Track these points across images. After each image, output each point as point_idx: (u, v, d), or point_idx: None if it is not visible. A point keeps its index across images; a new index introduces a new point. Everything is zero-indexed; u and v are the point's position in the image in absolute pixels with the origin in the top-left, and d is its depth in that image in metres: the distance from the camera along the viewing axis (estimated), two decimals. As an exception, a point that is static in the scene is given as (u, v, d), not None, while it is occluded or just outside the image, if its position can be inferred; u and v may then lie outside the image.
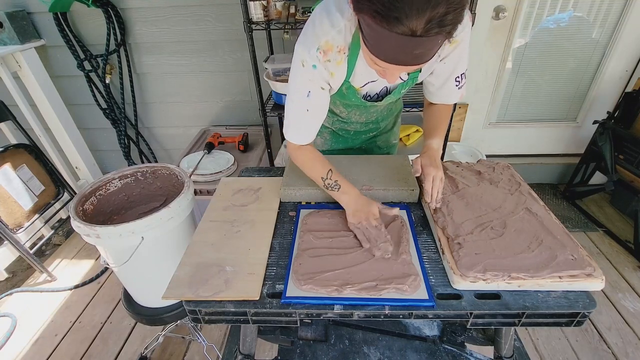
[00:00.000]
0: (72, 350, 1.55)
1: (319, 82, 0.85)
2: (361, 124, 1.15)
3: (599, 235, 2.04)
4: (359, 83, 0.92)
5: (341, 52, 0.81)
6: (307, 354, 1.00)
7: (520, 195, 0.91)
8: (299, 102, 0.88)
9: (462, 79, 0.94)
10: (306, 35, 0.81)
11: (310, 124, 0.92)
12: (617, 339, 1.50)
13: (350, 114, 1.10)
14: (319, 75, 0.84)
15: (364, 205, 0.87)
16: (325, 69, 0.83)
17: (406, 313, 0.68)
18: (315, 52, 0.80)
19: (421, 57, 0.64)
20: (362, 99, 0.96)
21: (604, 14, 1.93)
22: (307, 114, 0.89)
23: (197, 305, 0.70)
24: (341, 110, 1.09)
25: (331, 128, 1.19)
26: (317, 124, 0.93)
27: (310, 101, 0.87)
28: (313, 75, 0.83)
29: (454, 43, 0.86)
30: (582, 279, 0.69)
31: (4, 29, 1.77)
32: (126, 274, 1.13)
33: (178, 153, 2.31)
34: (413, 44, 0.60)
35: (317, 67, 0.82)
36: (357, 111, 1.08)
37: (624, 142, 1.96)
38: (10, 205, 1.72)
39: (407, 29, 0.57)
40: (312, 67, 0.82)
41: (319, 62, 0.81)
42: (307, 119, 0.91)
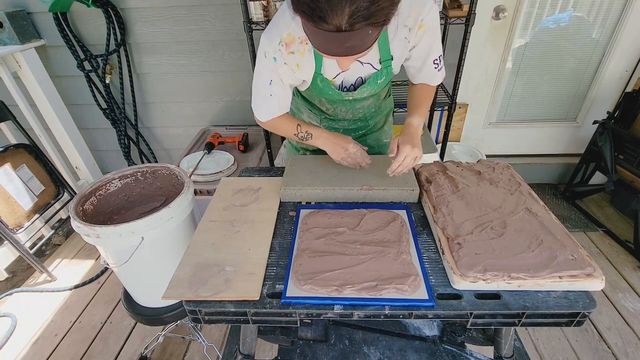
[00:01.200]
0: (72, 350, 1.55)
1: (279, 74, 0.91)
2: (348, 121, 1.16)
3: (599, 235, 2.04)
4: (330, 74, 0.95)
5: (303, 42, 0.85)
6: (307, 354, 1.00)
7: (520, 195, 0.91)
8: (263, 88, 0.95)
9: (440, 61, 0.97)
10: (270, 27, 0.84)
11: (274, 106, 0.99)
12: (617, 339, 1.50)
13: (337, 111, 1.11)
14: (279, 69, 0.89)
15: (338, 141, 1.00)
16: (286, 63, 0.88)
17: (406, 313, 0.68)
18: (277, 45, 0.84)
19: (354, 49, 0.67)
20: (337, 90, 0.99)
21: (604, 14, 1.93)
22: (271, 98, 0.96)
23: (197, 305, 0.70)
24: (327, 107, 1.11)
25: (320, 126, 1.19)
26: (282, 106, 1.00)
27: (273, 89, 0.94)
28: (274, 67, 0.89)
29: (421, 28, 0.87)
30: (582, 279, 0.69)
31: (4, 29, 1.77)
32: (126, 274, 1.13)
33: (178, 153, 2.31)
34: (342, 38, 0.63)
35: (277, 60, 0.87)
36: (342, 107, 1.10)
37: (624, 142, 1.96)
38: (10, 205, 1.72)
39: (332, 26, 0.61)
40: (272, 60, 0.87)
41: (280, 55, 0.86)
42: (271, 102, 0.98)
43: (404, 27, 0.86)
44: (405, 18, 0.84)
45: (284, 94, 0.98)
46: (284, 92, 0.97)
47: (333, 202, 0.99)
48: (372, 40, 0.68)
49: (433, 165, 1.07)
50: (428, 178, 1.01)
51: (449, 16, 1.54)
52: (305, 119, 1.20)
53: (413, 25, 0.85)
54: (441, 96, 1.88)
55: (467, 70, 1.76)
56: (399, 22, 0.85)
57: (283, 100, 0.99)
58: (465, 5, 1.54)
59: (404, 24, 0.86)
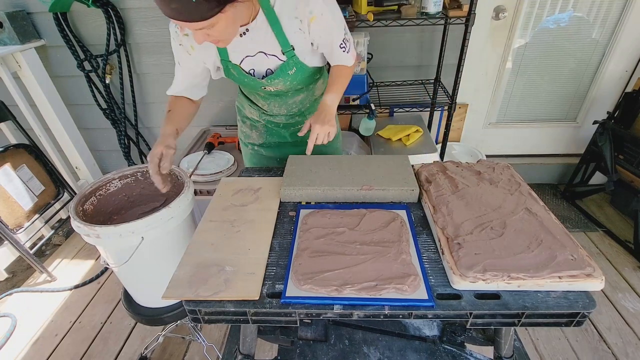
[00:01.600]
0: (72, 350, 1.55)
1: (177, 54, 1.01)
2: (285, 115, 1.20)
3: (599, 235, 2.04)
4: (237, 59, 1.01)
5: None
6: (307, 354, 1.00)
7: (520, 196, 0.91)
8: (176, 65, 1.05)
9: (346, 44, 1.02)
10: None
11: (179, 79, 1.07)
12: (617, 339, 1.50)
13: (271, 106, 1.17)
14: (177, 49, 1.00)
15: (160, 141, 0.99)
16: (181, 44, 0.97)
17: (406, 313, 0.68)
18: (173, 26, 0.94)
19: (181, 13, 0.72)
20: (251, 76, 1.04)
21: (604, 14, 1.93)
22: (176, 76, 1.06)
23: (197, 305, 0.70)
24: (262, 103, 1.17)
25: (262, 122, 1.25)
26: (185, 81, 1.07)
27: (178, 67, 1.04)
28: (174, 45, 1.00)
29: (313, 20, 0.92)
30: (581, 279, 0.69)
31: (4, 29, 1.77)
32: (126, 274, 1.13)
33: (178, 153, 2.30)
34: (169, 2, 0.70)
35: (174, 40, 0.97)
36: (274, 103, 1.15)
37: (624, 142, 1.96)
38: (10, 205, 1.72)
39: None
40: (172, 39, 0.98)
41: (176, 35, 0.96)
42: (178, 73, 1.06)
43: (295, 19, 0.91)
44: (293, 10, 0.90)
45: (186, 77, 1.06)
46: (182, 77, 1.06)
47: (333, 202, 0.99)
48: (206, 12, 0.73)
49: (433, 165, 1.07)
50: (428, 178, 1.01)
51: (449, 16, 1.54)
52: (247, 115, 1.27)
53: (303, 17, 0.90)
54: (441, 96, 1.88)
55: (467, 70, 1.76)
56: (288, 14, 0.91)
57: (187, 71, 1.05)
58: (465, 5, 1.54)
59: (294, 16, 0.91)
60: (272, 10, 0.89)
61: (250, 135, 1.29)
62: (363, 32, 1.69)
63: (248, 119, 1.28)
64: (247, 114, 1.27)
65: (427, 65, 2.04)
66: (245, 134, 1.31)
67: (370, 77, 1.88)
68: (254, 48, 0.97)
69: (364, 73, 1.74)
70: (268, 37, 0.95)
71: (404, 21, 1.54)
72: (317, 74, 1.12)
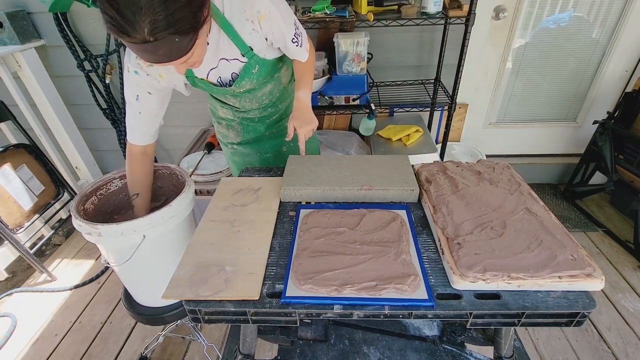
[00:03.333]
0: (72, 350, 1.55)
1: (144, 87, 0.94)
2: (258, 109, 1.21)
3: (599, 235, 2.04)
4: (202, 74, 1.00)
5: None
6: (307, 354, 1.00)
7: (520, 196, 0.91)
8: (131, 105, 0.97)
9: (297, 38, 1.01)
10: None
11: (144, 126, 1.01)
12: (617, 339, 1.50)
13: (243, 102, 1.16)
14: (143, 81, 0.92)
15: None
16: (149, 75, 0.92)
17: (406, 313, 0.68)
18: (134, 59, 0.88)
19: (171, 55, 0.73)
20: (220, 86, 1.04)
21: (604, 14, 1.93)
22: (140, 116, 0.99)
23: (197, 305, 0.70)
24: (233, 101, 1.16)
25: (237, 120, 1.25)
26: (151, 125, 1.03)
27: (140, 105, 0.96)
28: (137, 80, 0.92)
29: (263, 19, 0.91)
30: (581, 279, 0.69)
31: (4, 29, 1.77)
32: (127, 274, 1.14)
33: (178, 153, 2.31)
34: (153, 48, 0.69)
35: (139, 73, 0.91)
36: (245, 99, 1.15)
37: (624, 142, 1.96)
38: (10, 205, 1.72)
39: (137, 39, 0.66)
40: (134, 74, 0.91)
41: (140, 68, 0.90)
42: (141, 120, 1.00)
43: (246, 21, 0.91)
44: (242, 12, 0.90)
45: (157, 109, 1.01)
46: (155, 107, 1.00)
47: (333, 202, 0.99)
48: (187, 45, 0.73)
49: (433, 165, 1.07)
50: (428, 178, 1.01)
51: (449, 16, 1.54)
52: (222, 115, 1.27)
53: (253, 18, 0.91)
54: (441, 96, 1.88)
55: (467, 70, 1.76)
56: (239, 17, 0.91)
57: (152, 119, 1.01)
58: (465, 5, 1.54)
59: (245, 18, 0.91)
60: (223, 16, 0.89)
61: (227, 135, 1.30)
62: (363, 32, 1.69)
63: (223, 119, 1.28)
64: (221, 115, 1.27)
65: (427, 65, 2.04)
66: (222, 134, 1.32)
67: (370, 77, 1.88)
68: (214, 58, 0.97)
69: (364, 73, 1.74)
70: (225, 43, 0.95)
71: (404, 21, 1.54)
72: (279, 62, 1.12)
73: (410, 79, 2.06)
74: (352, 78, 1.73)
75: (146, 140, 1.04)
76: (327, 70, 1.81)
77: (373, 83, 1.96)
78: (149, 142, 1.06)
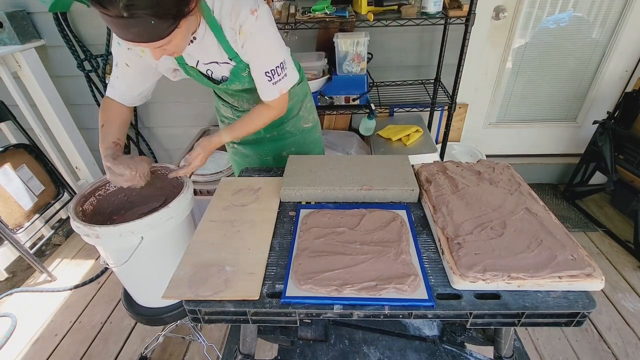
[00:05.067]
0: (72, 350, 1.55)
1: (123, 58, 0.96)
2: None
3: (599, 235, 2.04)
4: (192, 62, 1.00)
5: None
6: (307, 354, 1.00)
7: (520, 196, 0.91)
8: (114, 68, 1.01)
9: (275, 74, 0.96)
10: None
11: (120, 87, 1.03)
12: (617, 339, 1.50)
13: (240, 102, 1.18)
14: (124, 53, 0.95)
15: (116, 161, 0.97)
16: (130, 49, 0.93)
17: (406, 313, 0.68)
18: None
19: (142, 36, 0.72)
20: (209, 79, 1.04)
21: (604, 14, 1.93)
22: (117, 80, 1.02)
23: (197, 305, 0.70)
24: (231, 100, 1.17)
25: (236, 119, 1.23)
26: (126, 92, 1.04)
27: (119, 71, 0.99)
28: (119, 50, 0.95)
29: (241, 34, 0.90)
30: (581, 279, 0.69)
31: (4, 29, 1.77)
32: (126, 274, 1.13)
33: (178, 153, 2.31)
34: (126, 24, 0.69)
35: (120, 45, 0.93)
36: (242, 99, 1.16)
37: (624, 142, 1.96)
38: (10, 205, 1.72)
39: (112, 13, 0.66)
40: (117, 45, 0.94)
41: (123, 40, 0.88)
42: (117, 84, 1.02)
43: (231, 30, 0.90)
44: (228, 19, 0.89)
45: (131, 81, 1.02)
46: (131, 79, 1.01)
47: (333, 202, 0.99)
48: (165, 31, 0.73)
49: (433, 165, 1.07)
50: (428, 178, 1.01)
51: (449, 16, 1.54)
52: (224, 114, 1.28)
53: (235, 28, 0.89)
54: (441, 96, 1.88)
55: (467, 70, 1.76)
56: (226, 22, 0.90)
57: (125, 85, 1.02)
58: (465, 5, 1.54)
59: (230, 26, 0.90)
60: (213, 17, 0.89)
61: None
62: (363, 32, 1.69)
63: (225, 117, 1.28)
64: (223, 113, 1.28)
65: (427, 65, 2.04)
66: None
67: (370, 77, 1.88)
68: (206, 57, 0.98)
69: (364, 73, 1.74)
70: (214, 46, 0.94)
71: (404, 21, 1.54)
72: None
73: (410, 79, 2.06)
74: (352, 78, 1.73)
75: (122, 100, 1.06)
76: (327, 70, 1.81)
77: (373, 83, 1.96)
78: (124, 103, 1.06)
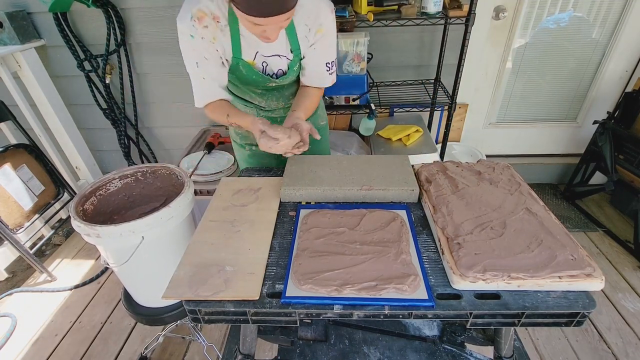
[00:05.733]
0: (72, 350, 1.55)
1: (200, 50, 0.94)
2: (282, 109, 1.23)
3: (599, 235, 2.04)
4: (249, 56, 1.02)
5: (215, 19, 0.90)
6: (307, 354, 1.00)
7: (520, 196, 0.91)
8: (194, 72, 0.99)
9: (332, 66, 1.09)
10: (181, 9, 0.89)
11: (209, 88, 1.02)
12: (617, 339, 1.50)
13: (269, 101, 1.19)
14: (199, 45, 0.93)
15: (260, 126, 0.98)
16: (203, 37, 0.92)
17: (406, 313, 0.68)
18: (189, 21, 0.88)
19: (285, 4, 0.78)
20: (261, 73, 1.05)
21: (604, 14, 1.93)
22: (204, 81, 1.00)
23: (197, 305, 0.70)
24: (259, 100, 1.18)
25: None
26: (216, 86, 1.03)
27: (201, 70, 0.97)
28: (193, 44, 0.92)
29: (320, 31, 0.98)
30: (581, 279, 0.69)
31: (4, 29, 1.77)
32: (126, 274, 1.13)
33: (178, 153, 2.31)
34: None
35: (194, 37, 0.91)
36: (272, 97, 1.17)
37: (624, 142, 1.96)
38: (10, 205, 1.72)
39: None
40: (190, 37, 0.91)
41: (195, 31, 0.90)
42: (206, 84, 1.01)
43: (305, 26, 0.96)
44: (306, 17, 0.94)
45: (216, 73, 1.00)
46: (214, 71, 1.00)
47: (333, 202, 0.99)
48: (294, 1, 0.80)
49: (433, 165, 1.07)
50: (428, 178, 1.01)
51: (449, 16, 1.54)
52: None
53: (312, 26, 0.95)
54: (441, 96, 1.88)
55: (467, 70, 1.76)
56: (301, 19, 0.95)
57: (216, 82, 1.02)
58: (465, 5, 1.54)
59: (304, 23, 0.95)
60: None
61: (247, 135, 1.28)
62: (363, 32, 1.69)
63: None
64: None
65: (427, 65, 2.04)
66: (241, 135, 1.30)
67: (370, 77, 1.88)
68: (269, 50, 1.00)
69: (364, 73, 1.74)
70: (282, 38, 0.98)
71: (404, 21, 1.54)
72: None
73: (410, 79, 2.06)
74: (352, 78, 1.73)
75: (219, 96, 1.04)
76: (327, 70, 1.80)
77: (373, 83, 1.96)
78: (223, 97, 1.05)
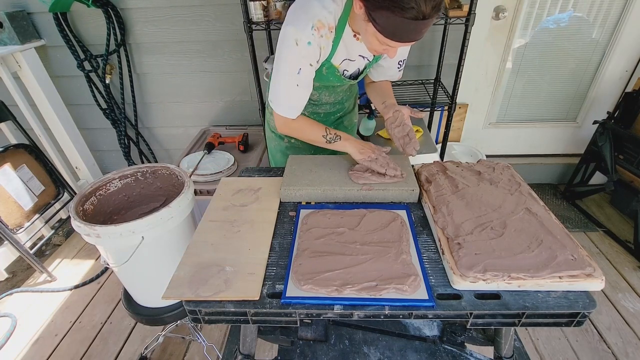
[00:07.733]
0: (72, 350, 1.55)
1: (310, 58, 0.94)
2: (330, 104, 1.24)
3: (599, 235, 2.04)
4: (337, 61, 1.04)
5: (330, 30, 0.92)
6: (307, 354, 1.00)
7: (520, 196, 0.91)
8: (290, 79, 0.97)
9: (403, 63, 1.16)
10: (297, 16, 0.90)
11: (300, 98, 1.01)
12: (617, 339, 1.50)
13: (321, 95, 1.20)
14: (312, 52, 0.93)
15: (365, 143, 1.05)
16: (318, 46, 0.93)
17: (406, 313, 0.68)
18: (310, 30, 0.90)
19: (423, 33, 0.81)
20: (341, 76, 1.07)
21: (604, 14, 1.93)
22: (297, 88, 0.98)
23: (197, 305, 0.70)
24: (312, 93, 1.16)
25: (305, 113, 1.25)
26: (306, 97, 1.02)
27: (300, 77, 0.96)
28: (307, 52, 0.92)
29: None
30: (582, 279, 0.69)
31: (4, 29, 1.77)
32: (126, 274, 1.13)
33: (178, 153, 2.31)
34: (423, 25, 0.77)
35: (311, 44, 0.91)
36: (326, 92, 1.19)
37: (624, 142, 1.96)
38: (10, 205, 1.72)
39: (420, 15, 0.74)
40: (307, 45, 0.91)
41: (313, 39, 0.91)
42: (298, 93, 1.00)
43: None
44: None
45: (310, 81, 1.01)
46: (310, 78, 1.00)
47: (333, 202, 0.99)
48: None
49: (433, 165, 1.07)
50: (428, 178, 1.01)
51: (449, 16, 1.54)
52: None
53: None
54: (441, 96, 1.88)
55: (467, 70, 1.76)
56: None
57: (307, 90, 1.01)
58: (465, 5, 1.54)
59: None
60: None
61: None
62: (363, 32, 1.69)
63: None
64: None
65: (427, 65, 2.04)
66: None
67: (370, 77, 1.88)
68: (354, 52, 1.03)
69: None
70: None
71: (404, 21, 1.54)
72: None
73: (410, 79, 2.06)
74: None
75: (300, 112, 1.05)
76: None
77: (373, 83, 1.96)
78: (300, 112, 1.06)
